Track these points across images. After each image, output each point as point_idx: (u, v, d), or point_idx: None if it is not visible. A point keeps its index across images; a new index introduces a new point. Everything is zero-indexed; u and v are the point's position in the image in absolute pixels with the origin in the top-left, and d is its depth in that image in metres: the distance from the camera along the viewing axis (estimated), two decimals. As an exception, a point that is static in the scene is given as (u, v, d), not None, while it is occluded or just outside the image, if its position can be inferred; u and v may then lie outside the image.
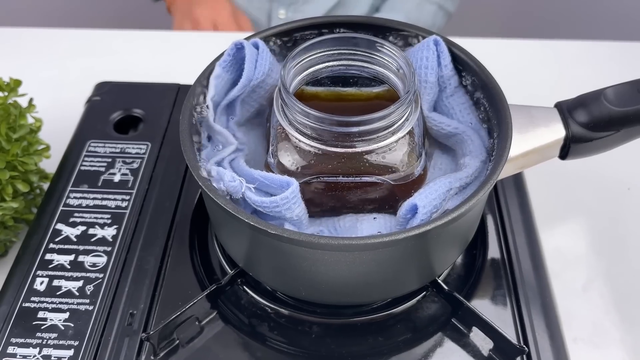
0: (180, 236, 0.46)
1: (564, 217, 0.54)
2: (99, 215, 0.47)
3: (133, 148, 0.51)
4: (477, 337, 0.41)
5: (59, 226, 0.46)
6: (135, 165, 0.50)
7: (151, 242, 0.45)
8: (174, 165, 0.50)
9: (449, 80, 0.42)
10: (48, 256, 0.44)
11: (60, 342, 0.40)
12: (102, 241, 0.45)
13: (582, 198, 0.55)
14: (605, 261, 0.50)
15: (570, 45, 0.71)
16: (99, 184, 0.49)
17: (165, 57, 0.68)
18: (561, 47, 0.71)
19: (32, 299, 0.42)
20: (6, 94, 0.49)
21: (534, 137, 0.41)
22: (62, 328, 0.40)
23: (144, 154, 0.51)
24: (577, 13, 1.34)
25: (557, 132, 0.41)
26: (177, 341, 0.41)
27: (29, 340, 0.40)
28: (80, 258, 0.44)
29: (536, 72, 0.67)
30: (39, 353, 0.39)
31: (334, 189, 0.38)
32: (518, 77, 0.63)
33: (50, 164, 0.52)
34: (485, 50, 0.51)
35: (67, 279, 0.43)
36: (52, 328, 0.40)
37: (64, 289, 0.42)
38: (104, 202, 0.47)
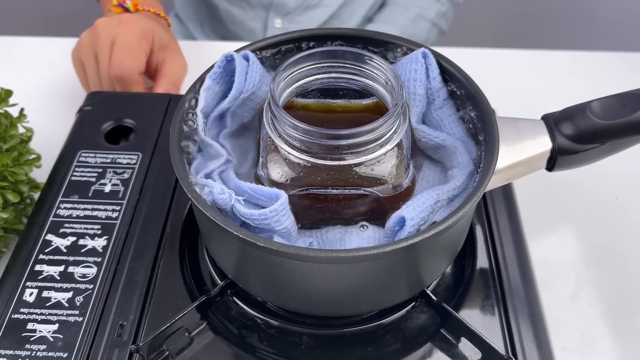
0: (170, 247, 0.46)
1: (553, 226, 0.54)
2: (89, 226, 0.47)
3: (124, 158, 0.51)
4: (466, 347, 0.41)
5: (49, 237, 0.46)
6: (126, 176, 0.50)
7: (141, 253, 0.45)
8: (165, 175, 0.50)
9: (437, 92, 0.43)
10: (38, 267, 0.44)
11: (50, 353, 0.40)
12: (92, 252, 0.45)
13: (570, 208, 0.55)
14: (593, 270, 0.51)
15: (559, 55, 0.72)
16: (90, 194, 0.49)
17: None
18: (549, 57, 0.72)
19: (22, 310, 0.42)
20: (-3, 104, 0.49)
21: (521, 150, 0.41)
22: (52, 340, 0.40)
23: (134, 164, 0.51)
24: (565, 23, 1.35)
25: (543, 144, 0.42)
26: (167, 352, 0.41)
27: (17, 352, 0.40)
28: (70, 269, 0.44)
29: (524, 83, 0.68)
30: (28, 365, 0.39)
31: (323, 201, 0.38)
32: (506, 88, 0.63)
33: (41, 174, 0.52)
34: (473, 61, 0.51)
35: (57, 290, 0.43)
36: (42, 339, 0.40)
37: (53, 300, 0.42)
38: (95, 213, 0.47)
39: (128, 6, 0.65)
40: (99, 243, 0.46)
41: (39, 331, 0.41)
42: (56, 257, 0.45)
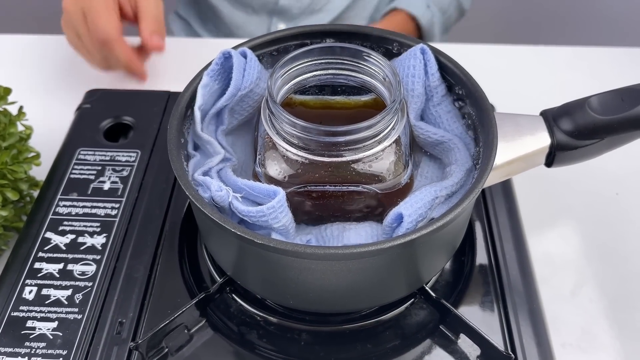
0: (169, 244, 0.46)
1: (552, 222, 0.54)
2: (89, 224, 0.47)
3: (123, 156, 0.51)
4: (465, 343, 0.41)
5: (49, 234, 0.46)
6: (125, 173, 0.50)
7: (140, 251, 0.45)
8: (164, 173, 0.51)
9: (436, 89, 0.42)
10: (37, 265, 0.44)
11: (49, 351, 0.40)
12: (92, 249, 0.45)
13: (570, 203, 0.55)
14: (593, 266, 0.51)
15: (560, 51, 0.72)
16: (89, 192, 0.49)
17: (155, 64, 0.68)
18: (550, 53, 0.72)
19: (21, 308, 0.42)
20: (-5, 102, 0.49)
21: (519, 145, 0.41)
22: (51, 337, 0.40)
23: (133, 161, 0.51)
24: (566, 19, 1.35)
25: (542, 140, 0.42)
26: (166, 350, 0.41)
27: (17, 350, 0.40)
28: (70, 267, 0.44)
29: (525, 79, 0.68)
30: (28, 362, 0.39)
31: (321, 198, 0.38)
32: (507, 84, 0.63)
33: (40, 172, 0.52)
34: (473, 57, 0.51)
35: (56, 287, 0.43)
36: (41, 337, 0.40)
37: (52, 298, 0.42)
38: (94, 210, 0.48)
39: None
40: (98, 241, 0.46)
41: (39, 329, 0.41)
42: (55, 255, 0.45)
